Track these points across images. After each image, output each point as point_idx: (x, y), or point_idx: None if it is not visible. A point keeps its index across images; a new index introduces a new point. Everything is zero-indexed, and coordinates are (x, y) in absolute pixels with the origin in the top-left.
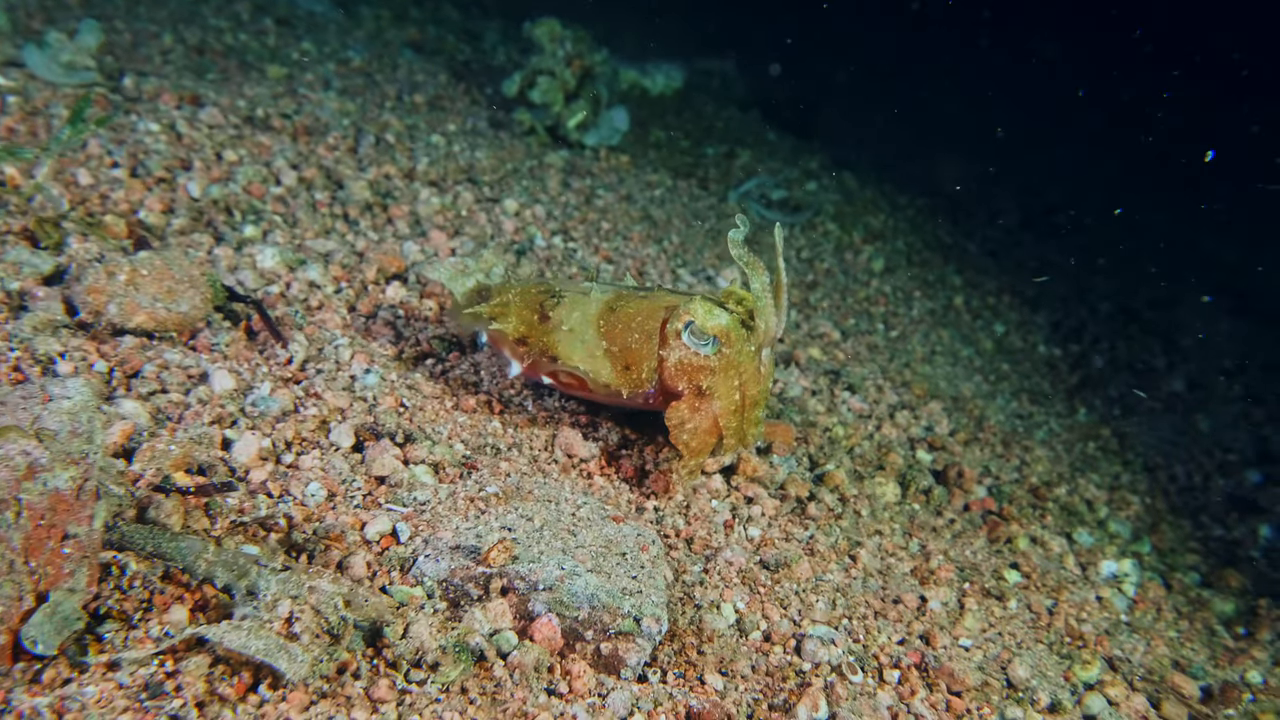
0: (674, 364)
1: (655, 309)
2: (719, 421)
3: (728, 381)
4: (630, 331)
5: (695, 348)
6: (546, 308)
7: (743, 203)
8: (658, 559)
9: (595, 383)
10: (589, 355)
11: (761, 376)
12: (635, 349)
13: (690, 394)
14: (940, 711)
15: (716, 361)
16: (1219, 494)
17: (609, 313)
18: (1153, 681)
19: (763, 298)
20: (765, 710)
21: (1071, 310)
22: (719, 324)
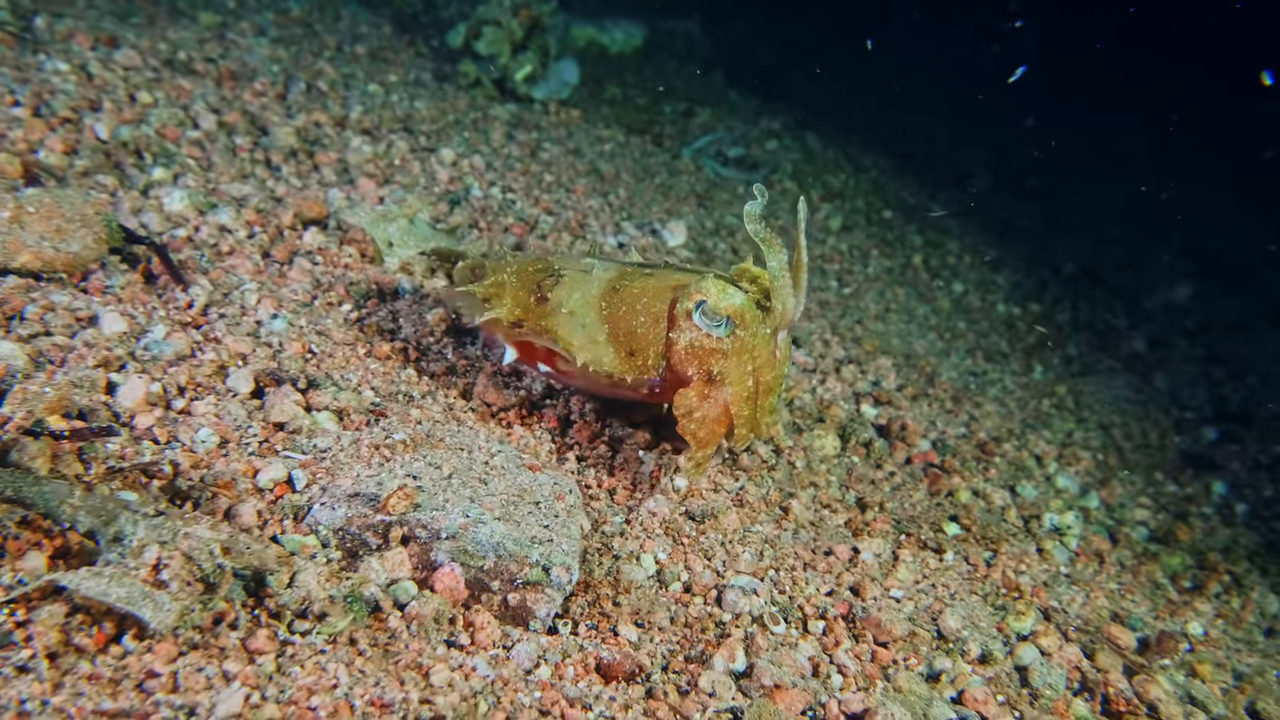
0: (684, 347)
1: (662, 289)
2: (730, 409)
3: (741, 366)
4: (635, 314)
5: (707, 329)
6: (544, 288)
7: (697, 159)
8: (574, 508)
9: (597, 371)
10: (590, 340)
11: (777, 362)
12: (641, 333)
13: (700, 380)
14: (864, 662)
15: (729, 344)
16: (1174, 451)
17: (612, 293)
18: (1088, 632)
19: (780, 276)
20: (681, 662)
21: (1034, 271)
22: (733, 304)
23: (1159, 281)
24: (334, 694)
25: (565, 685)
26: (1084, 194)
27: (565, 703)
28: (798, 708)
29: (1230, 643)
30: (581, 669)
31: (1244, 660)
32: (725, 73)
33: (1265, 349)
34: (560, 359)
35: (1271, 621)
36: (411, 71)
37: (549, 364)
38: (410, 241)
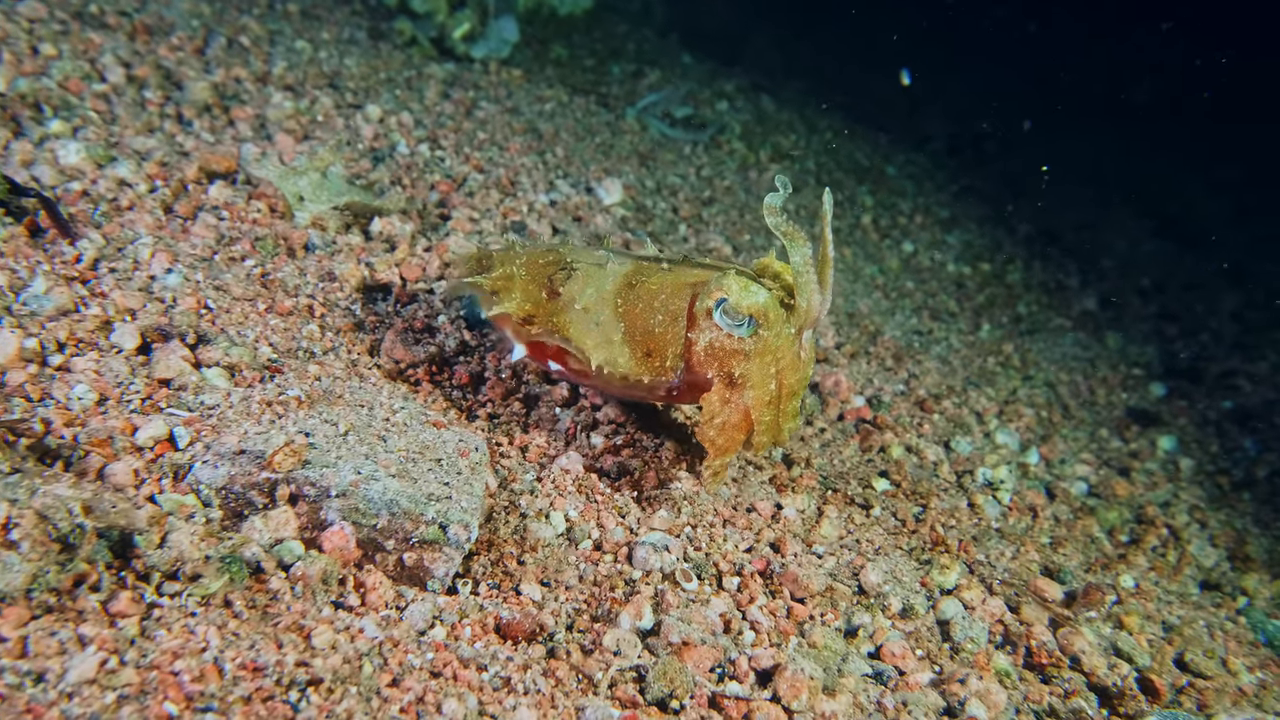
0: (704, 347)
1: (681, 285)
2: (750, 414)
3: (763, 368)
4: (653, 312)
5: (728, 329)
6: (556, 282)
7: (642, 118)
8: (479, 465)
9: (612, 373)
10: (605, 340)
11: (801, 363)
12: (659, 333)
13: (721, 382)
14: (779, 618)
15: (752, 345)
16: (1121, 408)
17: (628, 289)
18: (1013, 585)
19: (805, 273)
20: (586, 621)
21: (988, 232)
22: (756, 302)
23: (1117, 241)
24: (201, 657)
25: (460, 646)
26: (1046, 156)
27: (459, 663)
28: (706, 665)
29: (1162, 595)
30: (479, 629)
31: (1175, 612)
32: (682, 36)
33: (1220, 307)
34: (572, 358)
35: (1207, 574)
36: (345, 30)
37: (560, 362)
38: (323, 196)
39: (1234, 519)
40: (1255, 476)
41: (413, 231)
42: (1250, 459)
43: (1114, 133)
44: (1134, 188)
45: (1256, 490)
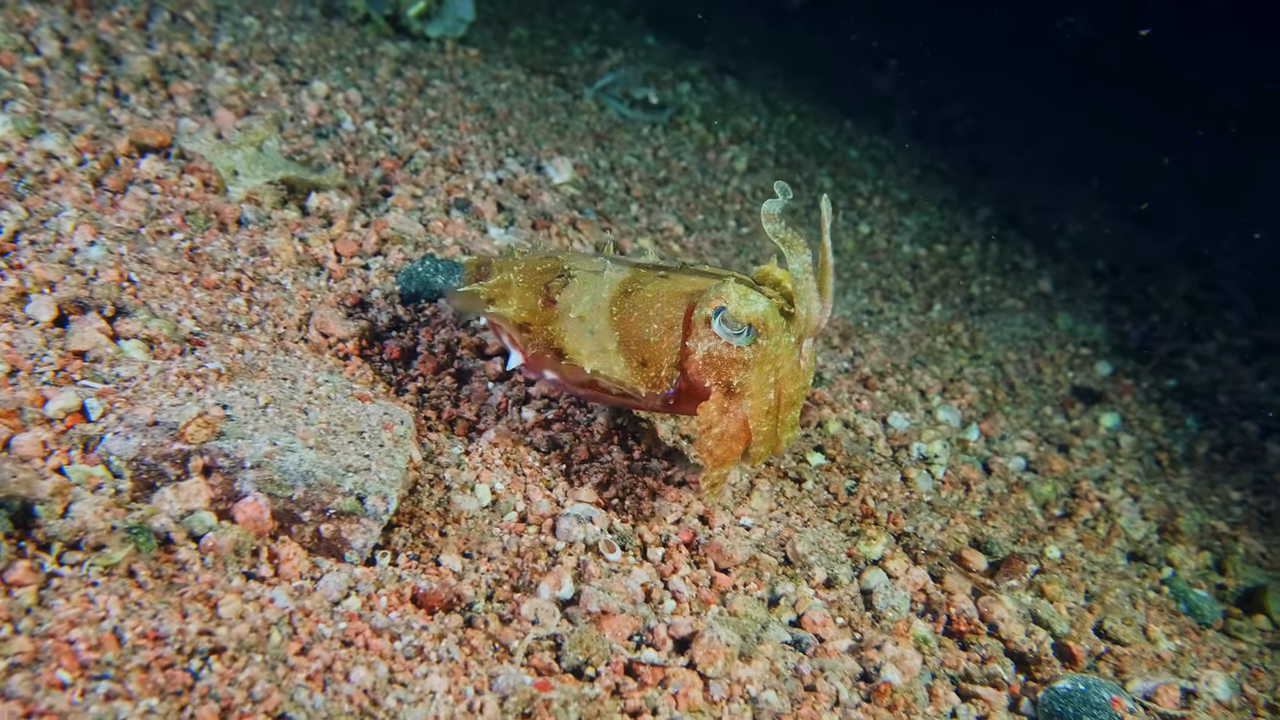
0: (702, 356)
1: (677, 293)
2: (749, 424)
3: (763, 378)
4: (648, 320)
5: (727, 338)
6: (552, 290)
7: (600, 98)
8: (403, 439)
9: (607, 382)
10: (599, 349)
11: (801, 373)
12: (654, 342)
13: (719, 392)
14: (701, 588)
15: (751, 355)
16: (1067, 386)
17: (623, 298)
18: (938, 556)
19: (804, 280)
20: (507, 591)
21: (947, 215)
22: (755, 311)
23: (1075, 224)
24: (99, 626)
25: (375, 616)
26: (1011, 140)
27: (371, 633)
28: (625, 633)
29: (1088, 566)
30: (395, 599)
31: (1099, 582)
32: (649, 18)
33: (1172, 290)
34: (567, 367)
35: (1135, 546)
36: (297, 6)
37: (556, 371)
38: (258, 170)
39: (1168, 494)
40: (1195, 453)
41: (351, 207)
42: (1192, 435)
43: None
44: (1097, 171)
45: (1195, 466)
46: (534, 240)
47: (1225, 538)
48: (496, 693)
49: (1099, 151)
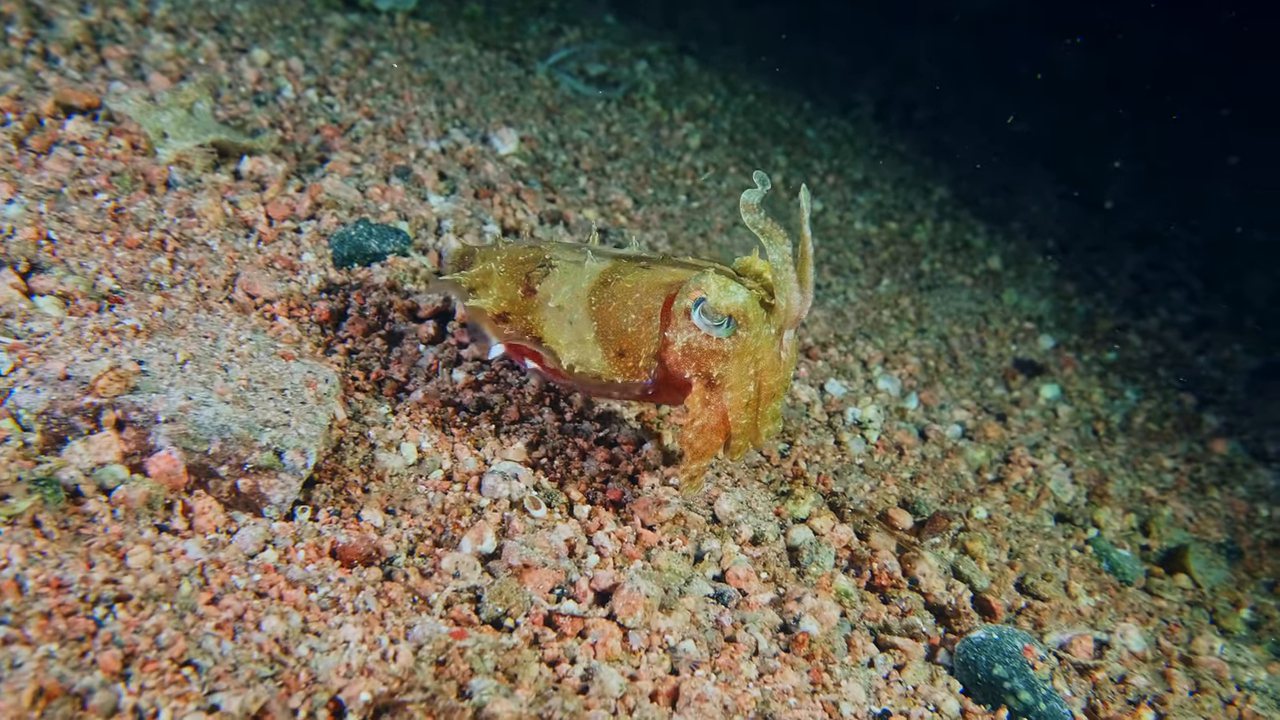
0: (681, 348)
1: (656, 284)
2: (728, 416)
3: (742, 369)
4: (626, 311)
5: (707, 329)
6: (533, 280)
7: (554, 73)
8: (326, 396)
9: (585, 373)
10: (577, 339)
11: (782, 364)
12: (632, 332)
13: (700, 383)
14: (626, 544)
15: (731, 346)
16: (1009, 359)
17: (602, 288)
18: (864, 514)
19: (784, 271)
20: (429, 546)
21: (901, 194)
22: (735, 302)
23: (1030, 205)
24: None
25: (291, 568)
26: (971, 123)
27: (286, 584)
28: (546, 586)
29: (1013, 526)
30: (314, 553)
31: (1024, 541)
32: None
33: (1120, 269)
34: (547, 356)
35: (1063, 508)
36: None
37: (536, 360)
38: (188, 133)
39: (1101, 461)
40: (1132, 423)
41: (285, 171)
42: (1130, 407)
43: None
44: (1054, 155)
45: (1131, 435)
46: (474, 208)
47: (1154, 502)
48: (412, 642)
49: (1058, 135)
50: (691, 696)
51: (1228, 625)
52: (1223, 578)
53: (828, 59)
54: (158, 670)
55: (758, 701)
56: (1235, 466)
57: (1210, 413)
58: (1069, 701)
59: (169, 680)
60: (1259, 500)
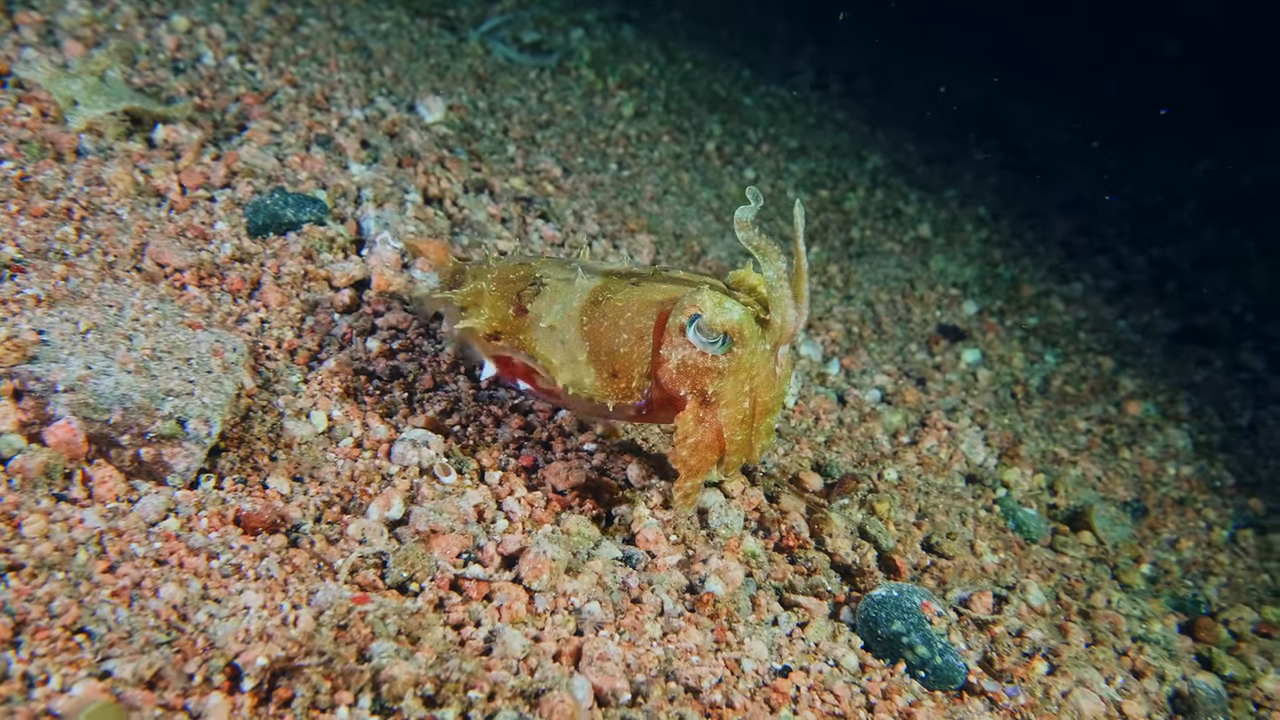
0: (676, 365)
1: (648, 303)
2: (723, 433)
3: (738, 387)
4: (618, 331)
5: (702, 347)
6: (524, 299)
7: (486, 41)
8: (233, 365)
9: (577, 394)
10: (570, 360)
11: (776, 380)
12: (624, 353)
13: (694, 401)
14: (536, 509)
15: (726, 363)
16: (933, 325)
17: (593, 307)
18: (775, 478)
19: (779, 287)
20: (336, 513)
21: (835, 163)
22: (730, 320)
23: (965, 174)
24: None
25: (193, 536)
26: (913, 92)
27: (187, 551)
28: (453, 551)
29: (923, 487)
30: (217, 520)
31: (932, 502)
32: None
33: (1050, 235)
34: (540, 377)
35: (974, 470)
36: None
37: (529, 381)
38: (99, 100)
39: (1017, 423)
40: (1050, 387)
41: (200, 140)
42: (1049, 370)
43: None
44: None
45: (1048, 398)
46: (396, 177)
47: (1064, 462)
48: (314, 607)
49: (998, 105)
50: (594, 656)
51: (1128, 580)
52: (1126, 535)
53: (772, 27)
54: (49, 638)
55: (660, 660)
56: (1147, 427)
57: (1127, 375)
58: (964, 655)
59: (60, 648)
60: (1168, 460)
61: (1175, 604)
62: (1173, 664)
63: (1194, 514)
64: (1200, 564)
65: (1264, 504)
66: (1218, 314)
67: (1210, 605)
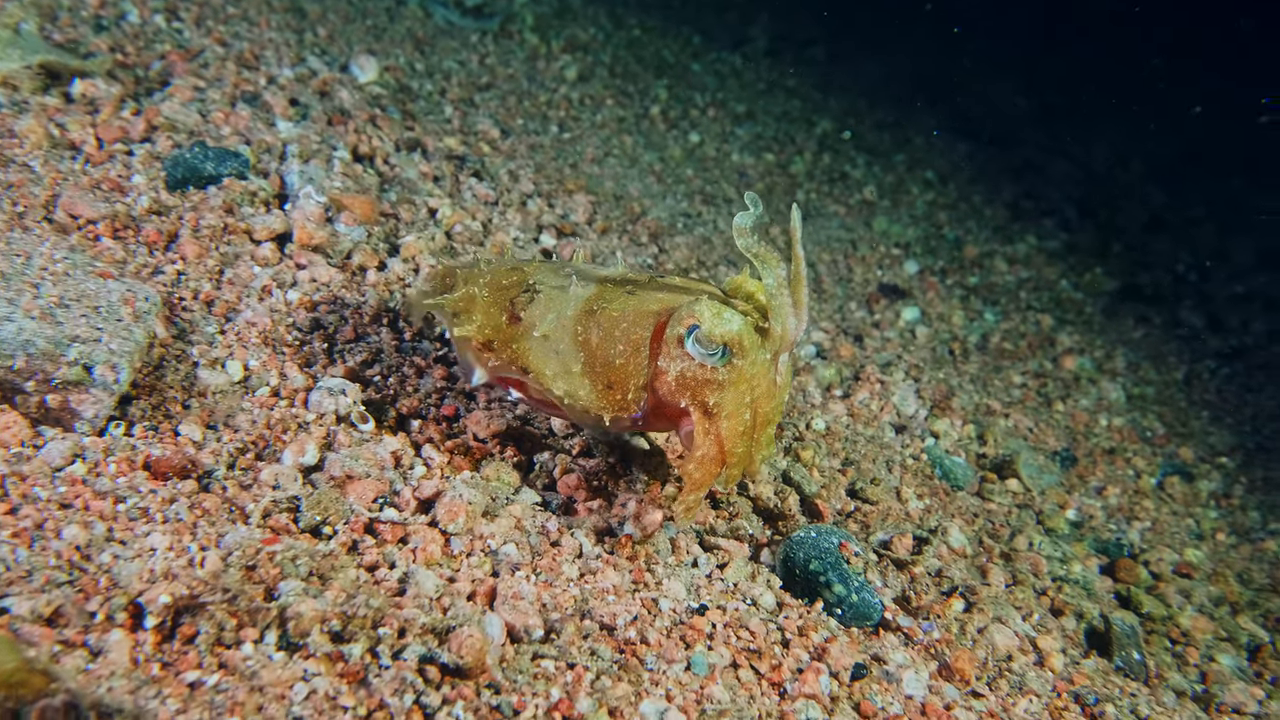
0: (675, 378)
1: (644, 313)
2: (724, 446)
3: (738, 398)
4: (613, 342)
5: (701, 359)
6: (518, 306)
7: (426, 4)
8: (146, 314)
9: (573, 406)
10: (564, 370)
11: (776, 390)
12: (620, 364)
13: (700, 413)
14: (456, 456)
15: (726, 375)
16: (874, 284)
17: (588, 316)
18: None
19: (779, 295)
20: (250, 459)
21: (783, 128)
22: (730, 331)
23: (915, 138)
24: None
25: (100, 481)
26: (868, 60)
27: (93, 495)
28: (369, 496)
29: (851, 436)
30: (126, 466)
31: (860, 450)
32: None
33: (997, 198)
34: (533, 386)
35: (906, 421)
36: None
37: (521, 391)
38: (13, 54)
39: (951, 378)
40: (988, 343)
41: (120, 95)
42: (988, 328)
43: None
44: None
45: (986, 354)
46: (324, 134)
47: (996, 414)
48: (222, 549)
49: (954, 76)
50: (508, 595)
51: (1052, 525)
52: (1053, 482)
53: None
54: None
55: (576, 599)
56: (1082, 381)
57: (1066, 333)
58: (881, 593)
59: None
60: (1101, 412)
61: (1098, 547)
62: (1091, 602)
63: (1123, 463)
64: (1126, 510)
65: (1194, 453)
66: (1160, 272)
67: (1133, 548)
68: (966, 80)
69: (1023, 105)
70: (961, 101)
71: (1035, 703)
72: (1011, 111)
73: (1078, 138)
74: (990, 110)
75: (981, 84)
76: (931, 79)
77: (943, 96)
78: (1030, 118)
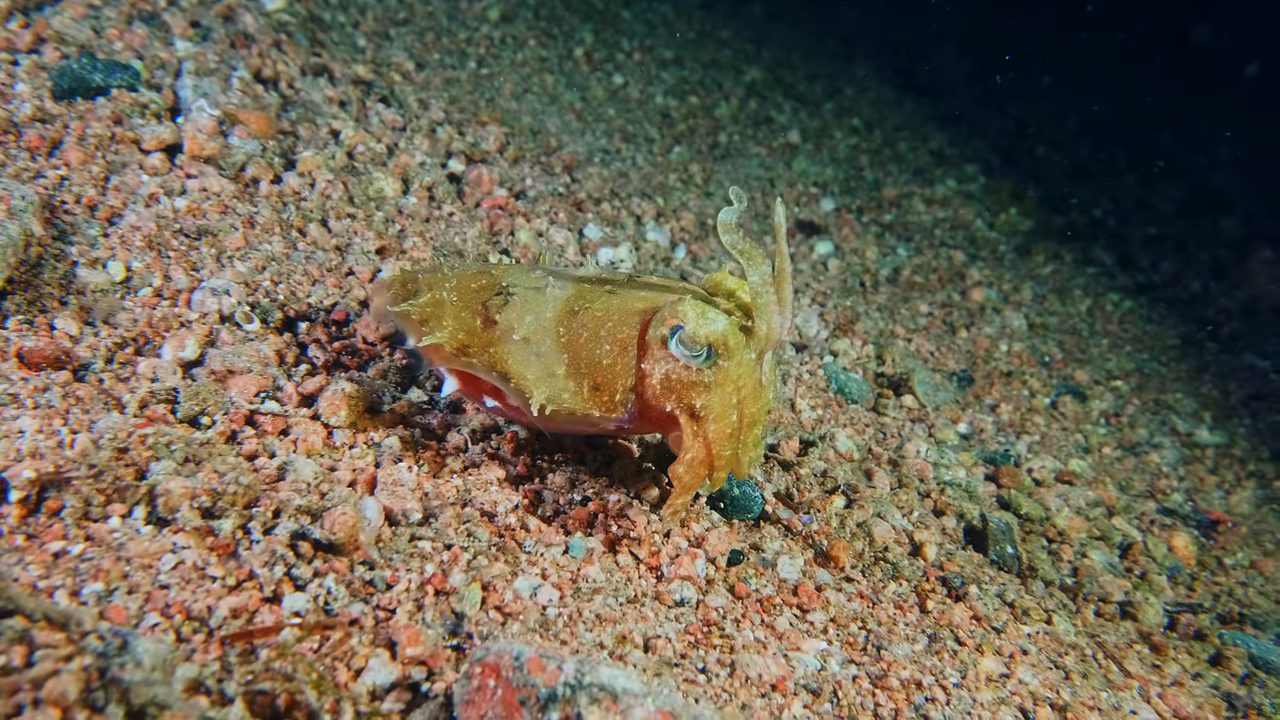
0: (659, 380)
1: (629, 311)
2: (712, 449)
3: (725, 400)
4: (599, 341)
5: (685, 360)
6: (491, 309)
7: None
8: (21, 213)
9: (558, 411)
10: (547, 373)
11: (762, 390)
12: (607, 365)
13: (687, 416)
14: (344, 355)
15: (711, 376)
16: (791, 220)
17: (570, 317)
18: None
19: (764, 293)
20: (129, 354)
21: (711, 75)
22: (714, 331)
23: (846, 89)
24: None
25: None
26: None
27: None
28: (251, 391)
29: None
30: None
31: None
32: None
33: (922, 146)
34: (510, 393)
35: (807, 341)
36: None
37: (496, 398)
38: None
39: (858, 305)
40: (900, 276)
41: (8, 7)
42: (901, 262)
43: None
44: (882, 46)
45: (897, 286)
46: (225, 55)
47: (899, 338)
48: (94, 433)
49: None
50: (388, 482)
51: (942, 437)
52: (948, 399)
53: None
54: None
55: (459, 489)
56: (986, 310)
57: (976, 268)
58: (762, 487)
59: None
60: (1002, 339)
61: (985, 457)
62: (972, 504)
63: (1020, 384)
64: (1017, 425)
65: (1089, 376)
66: (1077, 215)
67: (1019, 459)
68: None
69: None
70: (902, 58)
71: (905, 585)
72: (950, 67)
73: (1014, 95)
74: (931, 67)
75: (923, 43)
76: (874, 36)
77: (882, 52)
78: (967, 74)
